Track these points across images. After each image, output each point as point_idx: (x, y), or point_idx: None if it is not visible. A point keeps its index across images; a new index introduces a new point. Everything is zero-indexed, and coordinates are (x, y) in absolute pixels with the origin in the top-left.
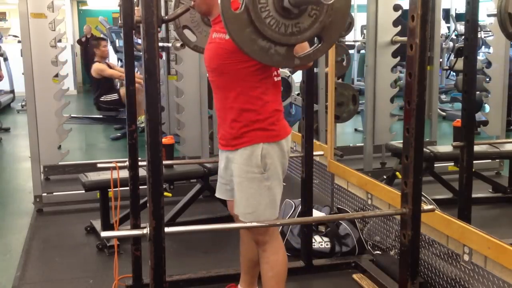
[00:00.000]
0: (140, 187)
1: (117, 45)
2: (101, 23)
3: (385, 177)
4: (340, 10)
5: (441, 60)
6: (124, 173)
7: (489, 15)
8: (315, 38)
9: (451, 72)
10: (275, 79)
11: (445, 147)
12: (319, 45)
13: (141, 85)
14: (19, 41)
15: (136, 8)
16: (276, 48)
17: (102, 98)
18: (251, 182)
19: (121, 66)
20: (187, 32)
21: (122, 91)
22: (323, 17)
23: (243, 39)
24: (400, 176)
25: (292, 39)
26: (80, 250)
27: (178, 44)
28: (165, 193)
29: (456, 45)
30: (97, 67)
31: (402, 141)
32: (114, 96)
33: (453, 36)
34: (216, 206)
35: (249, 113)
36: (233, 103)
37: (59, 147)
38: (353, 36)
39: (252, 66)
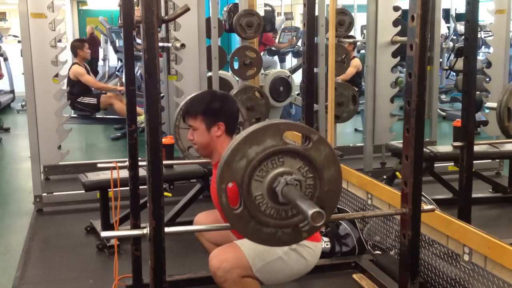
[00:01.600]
0: (140, 187)
1: (117, 45)
2: (101, 23)
3: (385, 177)
4: (333, 179)
5: (441, 60)
6: (124, 173)
7: (488, 108)
8: None
9: (451, 72)
10: None
11: (445, 147)
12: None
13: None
14: (19, 41)
15: (136, 8)
16: (282, 231)
17: (80, 99)
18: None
19: (121, 66)
20: (192, 150)
21: (103, 98)
22: (319, 193)
23: (249, 232)
24: (400, 176)
25: (294, 220)
26: (80, 250)
27: (178, 44)
28: (165, 193)
29: (456, 45)
30: (76, 70)
31: (402, 141)
32: (92, 100)
33: (453, 36)
34: None
35: None
36: None
37: (59, 147)
38: None
39: None
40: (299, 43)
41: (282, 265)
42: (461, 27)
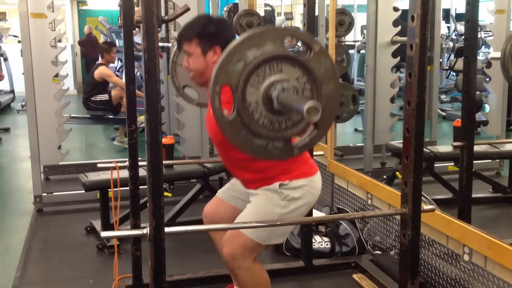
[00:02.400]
0: (140, 187)
1: (117, 45)
2: (101, 23)
3: (385, 177)
4: (330, 96)
5: (441, 60)
6: (124, 173)
7: (492, 59)
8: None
9: (451, 72)
10: None
11: (445, 147)
12: (315, 131)
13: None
14: (19, 41)
15: (136, 8)
16: (274, 144)
17: (93, 98)
18: (267, 201)
19: (121, 66)
20: (188, 90)
21: (114, 92)
22: None
23: (240, 141)
24: (400, 176)
25: (287, 133)
26: (80, 250)
27: None
28: (165, 193)
29: (456, 45)
30: (104, 71)
31: (402, 141)
32: (104, 97)
33: (453, 36)
34: None
35: (268, 171)
36: (247, 165)
37: (59, 147)
38: (353, 36)
39: None
40: (299, 43)
41: (286, 217)
42: (461, 27)
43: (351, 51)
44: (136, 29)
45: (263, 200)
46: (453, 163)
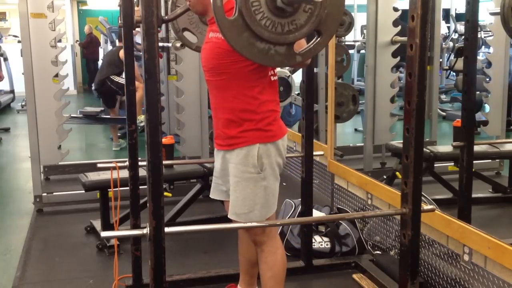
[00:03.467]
0: (140, 187)
1: (117, 45)
2: (101, 23)
3: (385, 177)
4: (335, 3)
5: (441, 60)
6: (124, 173)
7: (491, 13)
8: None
9: (451, 72)
10: (272, 78)
11: (445, 147)
12: (318, 38)
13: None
14: (19, 41)
15: (136, 8)
16: (276, 48)
17: (113, 77)
18: (248, 182)
19: None
20: (187, 34)
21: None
22: (319, 11)
23: (242, 44)
24: (400, 176)
25: (290, 37)
26: (80, 250)
27: (178, 44)
28: (165, 193)
29: (456, 45)
30: None
31: (402, 141)
32: (122, 81)
33: (453, 36)
34: (216, 206)
35: (246, 113)
36: (229, 103)
37: (59, 147)
38: (353, 36)
39: (249, 65)
40: None
41: (270, 184)
42: (461, 27)
43: (351, 51)
44: (136, 29)
45: (244, 182)
46: (453, 163)
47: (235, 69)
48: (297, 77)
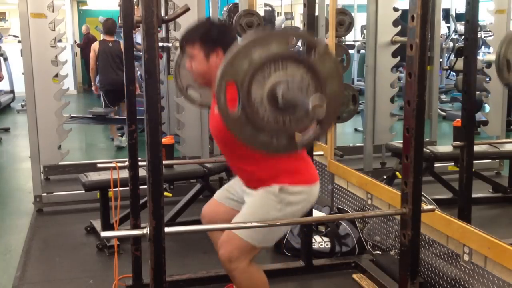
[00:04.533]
0: (140, 187)
1: None
2: (101, 23)
3: (385, 177)
4: (334, 93)
5: (441, 60)
6: (124, 173)
7: (486, 62)
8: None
9: (451, 72)
10: None
11: (445, 147)
12: (318, 127)
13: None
14: (19, 41)
15: (136, 8)
16: (278, 139)
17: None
18: (263, 205)
19: None
20: (190, 91)
21: None
22: None
23: (245, 137)
24: (400, 176)
25: (291, 129)
26: (80, 250)
27: (178, 44)
28: (165, 193)
29: (456, 45)
30: None
31: (402, 141)
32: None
33: (453, 36)
34: None
35: (270, 170)
36: (249, 163)
37: (59, 147)
38: (353, 36)
39: None
40: (299, 43)
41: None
42: (461, 27)
43: (351, 51)
44: (137, 28)
45: (259, 203)
46: (453, 163)
47: None
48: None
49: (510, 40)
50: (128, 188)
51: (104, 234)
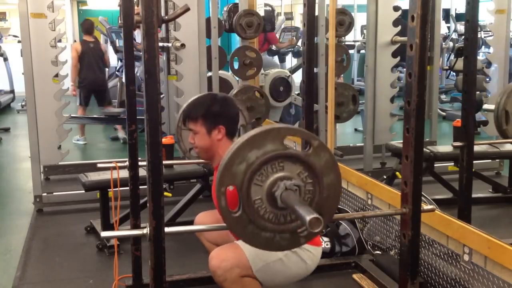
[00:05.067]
0: (140, 187)
1: (117, 45)
2: (101, 23)
3: (385, 177)
4: (332, 185)
5: (441, 60)
6: (124, 173)
7: (486, 110)
8: None
9: (451, 72)
10: None
11: (445, 147)
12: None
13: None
14: (19, 41)
15: (136, 8)
16: (280, 236)
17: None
18: None
19: (121, 66)
20: (194, 152)
21: None
22: (318, 199)
23: (247, 236)
24: (400, 176)
25: (292, 225)
26: (80, 250)
27: (178, 44)
28: (165, 193)
29: (456, 45)
30: None
31: (402, 141)
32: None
33: (453, 36)
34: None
35: None
36: None
37: (59, 147)
38: (353, 36)
39: None
40: (299, 43)
41: (281, 267)
42: (461, 27)
43: (351, 51)
44: (137, 28)
45: None
46: (453, 163)
47: None
48: (297, 77)
49: (510, 92)
50: (128, 188)
51: (104, 234)
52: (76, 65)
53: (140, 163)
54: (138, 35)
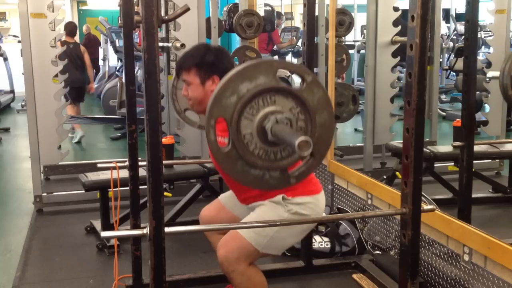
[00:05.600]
0: (140, 187)
1: (117, 45)
2: (101, 23)
3: (385, 177)
4: (325, 124)
5: (441, 60)
6: (124, 173)
7: (490, 78)
8: None
9: (451, 72)
10: None
11: (445, 147)
12: (311, 159)
13: None
14: (19, 41)
15: (136, 7)
16: (270, 174)
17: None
18: (272, 211)
19: (121, 66)
20: (189, 113)
21: None
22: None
23: (237, 173)
24: (400, 176)
25: (283, 163)
26: (80, 250)
27: (178, 44)
28: (165, 193)
29: (456, 45)
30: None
31: (402, 141)
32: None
33: (453, 36)
34: None
35: (271, 192)
36: (251, 192)
37: (59, 147)
38: (353, 36)
39: None
40: (299, 43)
41: (286, 232)
42: (461, 27)
43: (351, 51)
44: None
45: (268, 209)
46: (453, 163)
47: None
48: (297, 77)
49: None
50: (128, 188)
51: (104, 234)
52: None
53: (140, 163)
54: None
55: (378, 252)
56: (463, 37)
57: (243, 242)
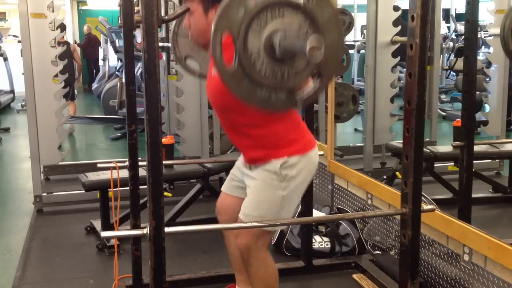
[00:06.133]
0: (140, 187)
1: (117, 45)
2: (101, 23)
3: (385, 177)
4: (333, 45)
5: (441, 60)
6: (124, 173)
7: (491, 35)
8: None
9: (451, 72)
10: None
11: (445, 147)
12: (318, 81)
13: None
14: (19, 41)
15: (136, 7)
16: (277, 95)
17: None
18: (267, 186)
19: (121, 66)
20: (189, 61)
21: None
22: None
23: (243, 93)
24: (400, 176)
25: (290, 83)
26: (80, 250)
27: None
28: (165, 193)
29: (456, 45)
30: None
31: (402, 141)
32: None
33: (453, 36)
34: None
35: (266, 139)
36: (246, 131)
37: (59, 147)
38: (353, 36)
39: None
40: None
41: (288, 198)
42: (461, 27)
43: (351, 51)
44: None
45: (263, 185)
46: (453, 163)
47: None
48: None
49: None
50: (128, 188)
51: (104, 234)
52: None
53: (140, 163)
54: (138, 35)
55: (378, 252)
56: (463, 37)
57: (255, 229)
